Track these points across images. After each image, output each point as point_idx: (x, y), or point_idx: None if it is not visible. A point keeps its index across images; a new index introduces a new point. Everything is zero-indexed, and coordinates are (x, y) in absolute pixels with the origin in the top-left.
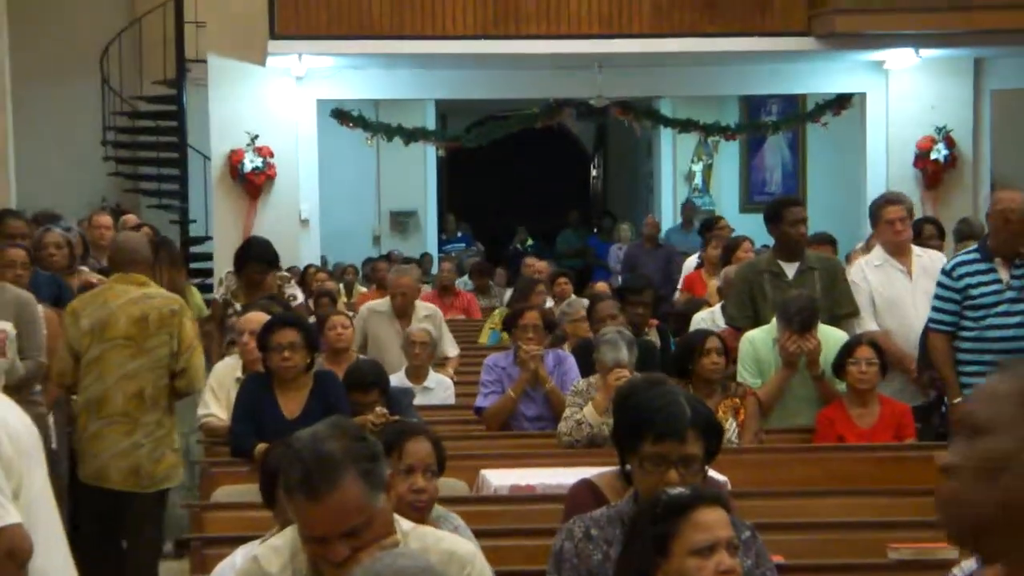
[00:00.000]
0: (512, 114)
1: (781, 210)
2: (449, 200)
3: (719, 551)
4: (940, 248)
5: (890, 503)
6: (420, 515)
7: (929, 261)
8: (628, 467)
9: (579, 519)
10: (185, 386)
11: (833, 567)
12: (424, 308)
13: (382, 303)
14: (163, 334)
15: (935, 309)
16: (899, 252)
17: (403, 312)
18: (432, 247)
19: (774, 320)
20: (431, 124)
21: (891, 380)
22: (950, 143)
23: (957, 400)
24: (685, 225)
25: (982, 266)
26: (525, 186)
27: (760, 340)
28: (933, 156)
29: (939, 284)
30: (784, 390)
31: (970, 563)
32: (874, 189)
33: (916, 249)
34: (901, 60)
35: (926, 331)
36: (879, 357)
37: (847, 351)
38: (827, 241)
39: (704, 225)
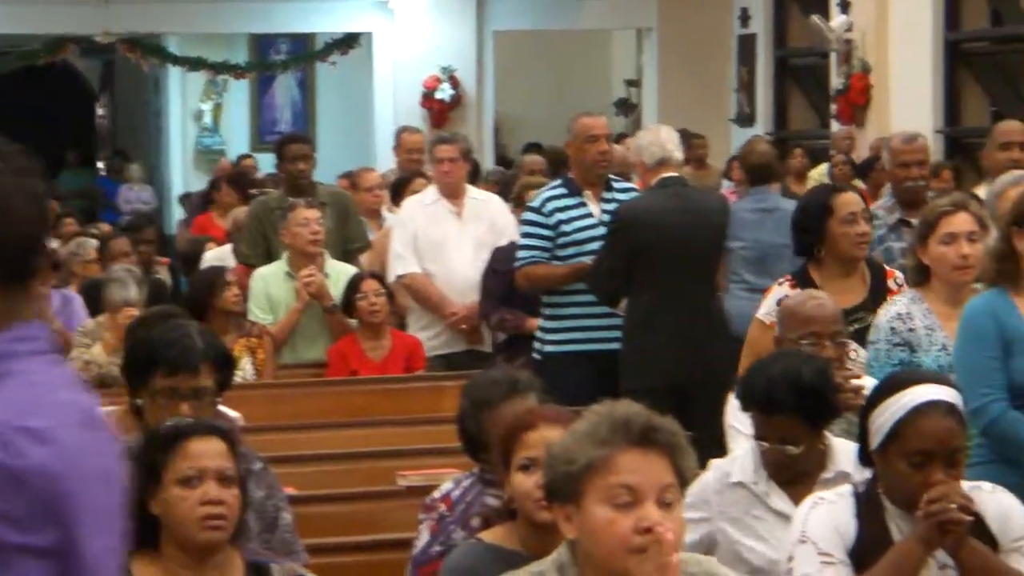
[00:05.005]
0: (13, 50)
1: (283, 147)
2: None
3: (206, 481)
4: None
5: (399, 432)
6: None
7: (483, 204)
8: (139, 402)
9: None
10: None
11: (344, 496)
12: None
13: None
14: None
15: (525, 247)
16: (452, 194)
17: None
18: None
19: (285, 255)
20: None
21: (430, 325)
22: (455, 83)
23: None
24: None
25: (571, 200)
26: (26, 125)
27: (272, 276)
28: (439, 95)
29: (527, 221)
30: (296, 325)
31: (448, 485)
32: (382, 128)
33: (473, 191)
34: (406, 0)
35: (489, 273)
36: (384, 288)
37: (353, 287)
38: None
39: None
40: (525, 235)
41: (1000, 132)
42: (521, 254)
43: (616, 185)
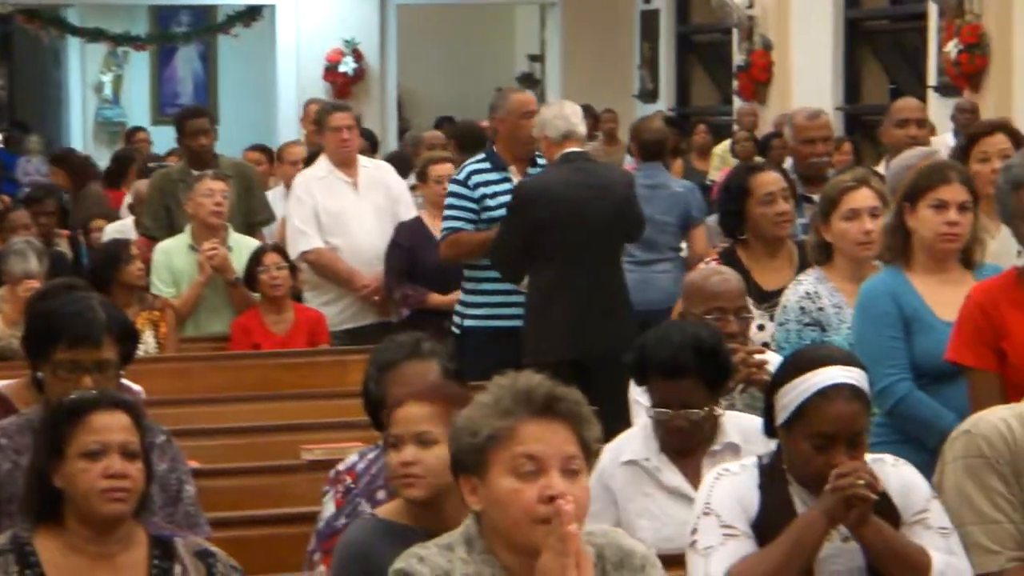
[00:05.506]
0: None
1: (183, 121)
2: None
3: (110, 455)
4: None
5: (302, 406)
6: None
7: (376, 172)
8: (40, 375)
9: None
10: None
11: (248, 470)
12: None
13: None
14: None
15: (449, 218)
16: (345, 164)
17: None
18: None
19: (188, 228)
20: None
21: (334, 300)
22: (358, 56)
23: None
24: None
25: (495, 175)
26: None
27: (175, 249)
28: (342, 69)
29: (452, 194)
30: (199, 298)
31: (353, 457)
32: (286, 101)
33: (363, 160)
34: None
35: (393, 248)
36: (287, 261)
37: (256, 260)
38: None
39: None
40: (449, 207)
41: (897, 109)
42: (446, 224)
43: (540, 161)
